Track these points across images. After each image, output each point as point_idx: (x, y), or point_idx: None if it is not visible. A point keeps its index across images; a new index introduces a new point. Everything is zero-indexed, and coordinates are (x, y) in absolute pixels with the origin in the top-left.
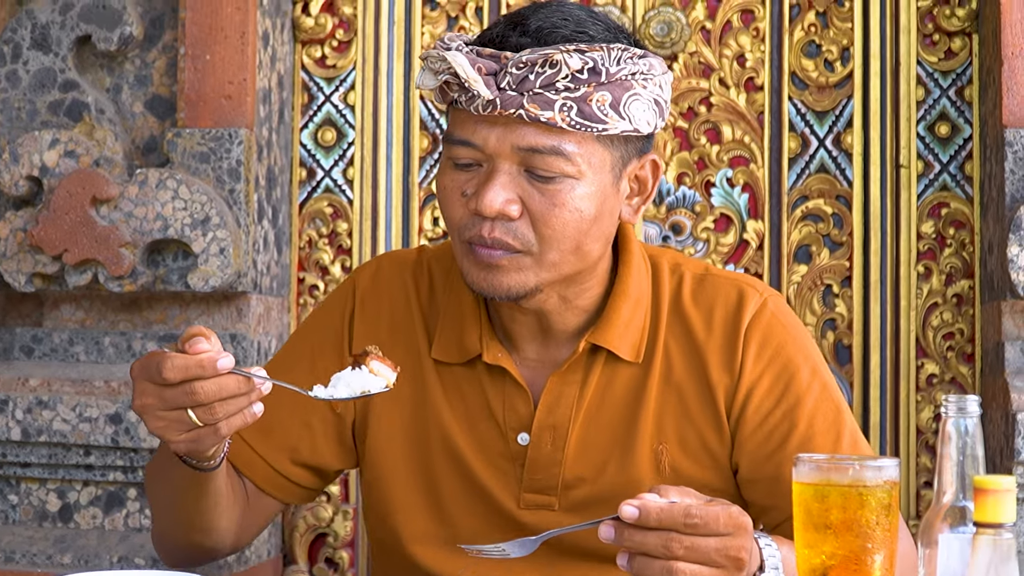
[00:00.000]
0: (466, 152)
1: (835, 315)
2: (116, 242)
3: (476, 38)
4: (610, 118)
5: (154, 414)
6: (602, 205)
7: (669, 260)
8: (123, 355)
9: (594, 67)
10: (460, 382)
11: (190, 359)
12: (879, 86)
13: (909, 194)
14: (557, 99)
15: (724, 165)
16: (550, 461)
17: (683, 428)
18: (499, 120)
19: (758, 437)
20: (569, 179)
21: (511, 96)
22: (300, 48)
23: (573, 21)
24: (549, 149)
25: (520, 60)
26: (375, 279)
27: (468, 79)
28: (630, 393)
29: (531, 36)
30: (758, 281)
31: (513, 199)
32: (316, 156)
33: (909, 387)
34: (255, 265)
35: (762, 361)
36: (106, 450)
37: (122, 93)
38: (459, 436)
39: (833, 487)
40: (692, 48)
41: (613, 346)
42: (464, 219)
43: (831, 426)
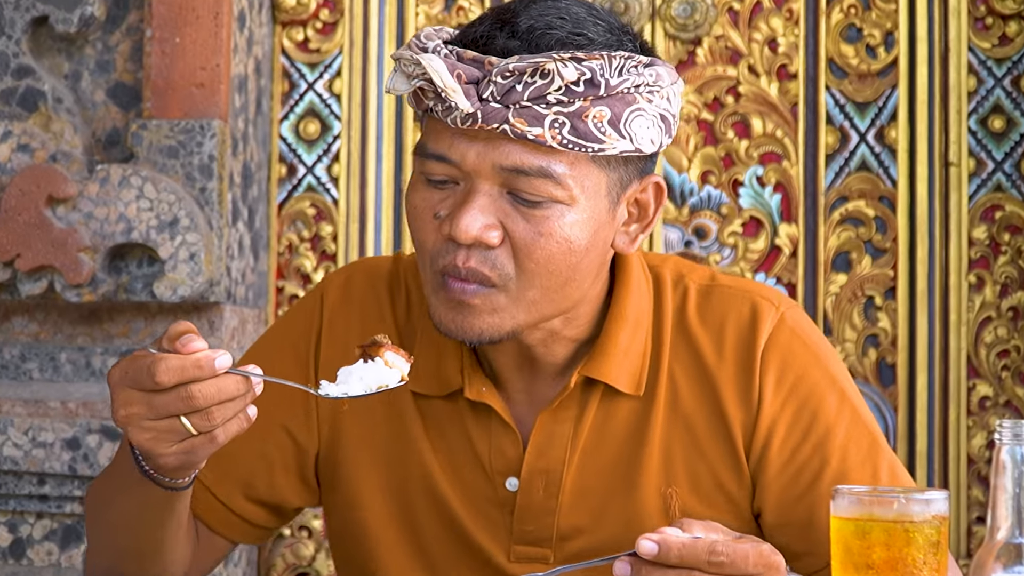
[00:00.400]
0: (441, 168)
1: (877, 330)
2: (74, 246)
3: (458, 35)
4: (608, 137)
5: (141, 425)
6: (595, 235)
7: (672, 271)
8: (81, 373)
9: (592, 78)
10: (441, 418)
11: (185, 359)
12: (926, 75)
13: (959, 195)
14: (548, 114)
15: (754, 162)
16: (542, 510)
17: (695, 467)
18: (480, 135)
19: (785, 478)
20: (558, 204)
21: (495, 109)
22: (280, 30)
23: (571, 21)
24: (536, 170)
25: (507, 68)
26: (345, 293)
27: (445, 88)
28: (631, 430)
29: (521, 39)
30: (772, 290)
31: (493, 224)
32: (297, 151)
33: (959, 411)
34: (229, 272)
35: (783, 389)
36: (62, 479)
37: (82, 80)
38: (442, 478)
39: (876, 522)
40: (718, 31)
41: (610, 378)
42: (436, 245)
43: (866, 458)
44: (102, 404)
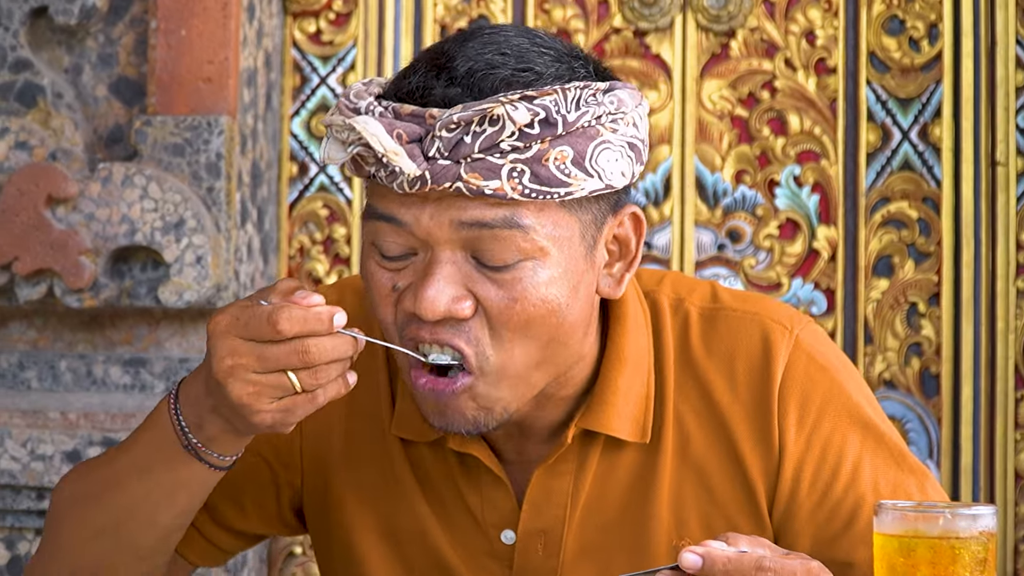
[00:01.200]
0: (393, 235)
1: (921, 339)
2: (75, 249)
3: (390, 87)
4: (574, 178)
5: (246, 378)
6: (575, 288)
7: (669, 294)
8: (81, 382)
9: (547, 117)
10: (429, 465)
11: (308, 311)
12: (972, 69)
13: (1007, 196)
14: (503, 163)
15: (790, 161)
16: (543, 569)
17: (709, 516)
18: (431, 195)
19: (819, 520)
20: (528, 261)
21: (444, 167)
22: (291, 22)
23: (513, 55)
24: (500, 221)
25: (451, 120)
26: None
27: (386, 152)
28: (636, 480)
29: (461, 84)
30: (782, 309)
31: (462, 295)
32: (309, 148)
33: (1007, 423)
34: (237, 276)
35: (806, 428)
36: None
37: (83, 74)
38: (436, 528)
39: (921, 539)
40: (753, 23)
41: (612, 429)
42: (398, 320)
43: (897, 487)
44: (104, 415)
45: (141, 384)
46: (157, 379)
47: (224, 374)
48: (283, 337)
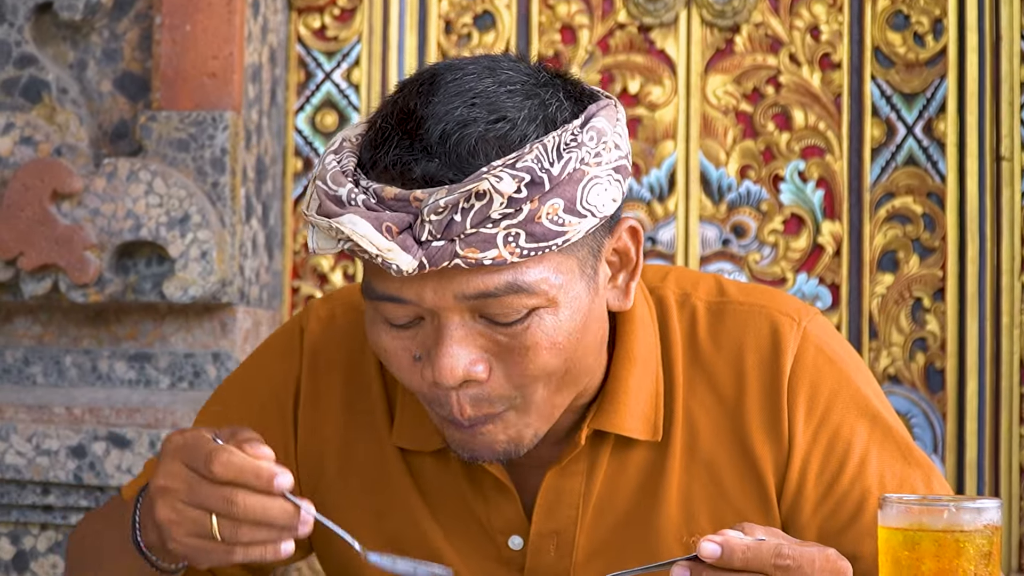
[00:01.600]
0: (399, 310)
1: (926, 333)
2: (80, 244)
3: (365, 155)
4: (568, 224)
5: (172, 503)
6: (586, 319)
7: (675, 289)
8: (87, 376)
9: (532, 179)
10: (432, 474)
11: (247, 461)
12: (977, 64)
13: (1012, 191)
14: (497, 232)
15: (795, 156)
16: (556, 570)
17: (719, 512)
18: (431, 273)
19: (824, 512)
20: (537, 311)
21: (439, 248)
22: (296, 17)
23: (482, 104)
24: (504, 288)
25: (437, 205)
26: (328, 330)
27: (379, 252)
28: (646, 477)
29: (439, 156)
30: (789, 301)
31: (477, 358)
32: (314, 144)
33: (1012, 418)
34: (242, 272)
35: (814, 419)
36: (67, 488)
37: (88, 70)
38: (440, 538)
39: (926, 533)
40: (757, 18)
41: (624, 429)
42: (425, 391)
43: (903, 481)
44: (109, 410)
45: (146, 379)
46: (162, 374)
47: (156, 492)
48: (215, 479)
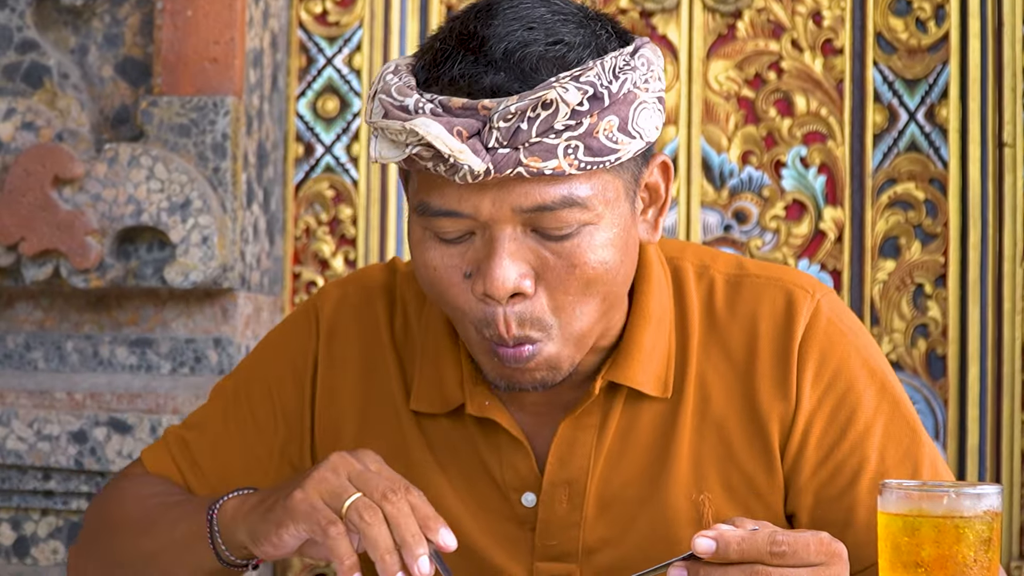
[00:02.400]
0: (453, 224)
1: (927, 320)
2: (81, 229)
3: (424, 74)
4: (621, 143)
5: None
6: (625, 243)
7: (693, 261)
8: (88, 362)
9: (594, 93)
10: (448, 436)
11: (431, 509)
12: (979, 50)
13: (1015, 178)
14: (559, 142)
15: (797, 142)
16: (567, 523)
17: (727, 471)
18: (491, 182)
19: (822, 476)
20: (586, 227)
21: (505, 155)
22: (297, 2)
23: (540, 27)
24: (560, 202)
25: (508, 111)
26: (341, 309)
27: (451, 152)
28: (658, 434)
29: (505, 69)
30: (805, 276)
31: (526, 272)
32: (315, 129)
33: (1014, 405)
34: (243, 257)
35: (822, 383)
36: (68, 474)
37: (89, 55)
38: (454, 501)
39: (925, 518)
40: (760, 4)
41: (636, 382)
42: (473, 309)
43: (906, 456)
44: (110, 395)
45: (147, 365)
46: (163, 359)
47: (308, 480)
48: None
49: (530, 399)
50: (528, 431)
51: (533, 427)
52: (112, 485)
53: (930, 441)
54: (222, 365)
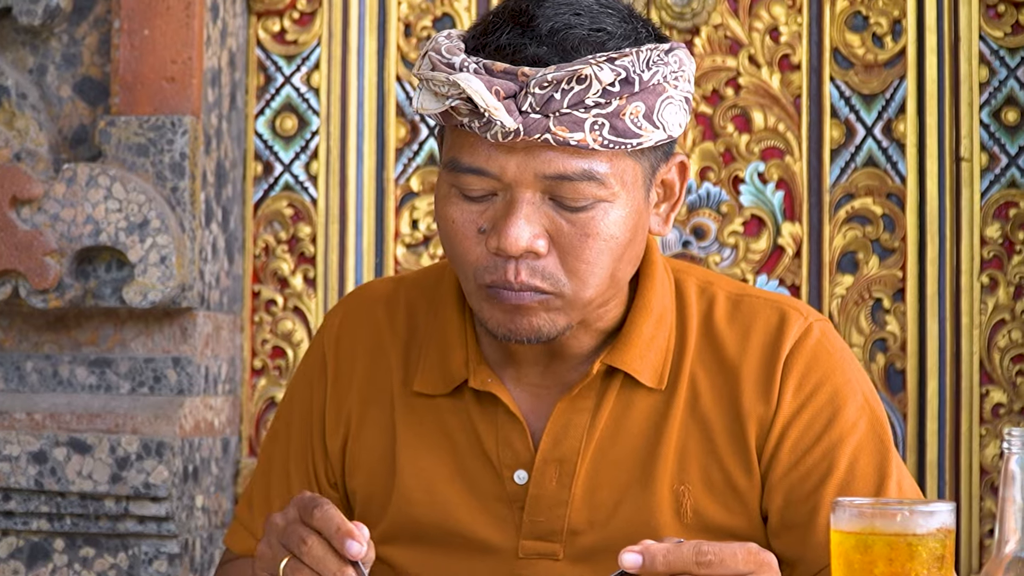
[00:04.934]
0: (479, 182)
1: (886, 334)
2: (40, 250)
3: (472, 42)
4: (644, 130)
5: (270, 539)
6: (636, 225)
7: (697, 279)
8: (48, 382)
9: (626, 77)
10: (445, 416)
11: (336, 517)
12: (936, 65)
13: (971, 192)
14: (587, 117)
15: (755, 158)
16: (555, 501)
17: (708, 466)
18: (518, 145)
19: (792, 479)
20: (602, 203)
21: (535, 120)
22: (255, 21)
23: (586, 15)
24: (579, 174)
25: (544, 78)
26: (344, 322)
27: (487, 107)
28: (649, 424)
29: (548, 44)
30: (804, 304)
31: (540, 233)
32: (274, 148)
33: (972, 418)
34: (202, 276)
35: (803, 393)
36: (28, 494)
37: (47, 75)
38: (445, 482)
39: (878, 536)
40: (717, 20)
41: (632, 369)
42: (482, 260)
43: (876, 470)
44: (70, 415)
45: (107, 384)
46: (122, 379)
47: (267, 528)
48: (308, 522)
49: (529, 379)
50: (525, 410)
51: (531, 406)
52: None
53: (901, 463)
54: (181, 384)
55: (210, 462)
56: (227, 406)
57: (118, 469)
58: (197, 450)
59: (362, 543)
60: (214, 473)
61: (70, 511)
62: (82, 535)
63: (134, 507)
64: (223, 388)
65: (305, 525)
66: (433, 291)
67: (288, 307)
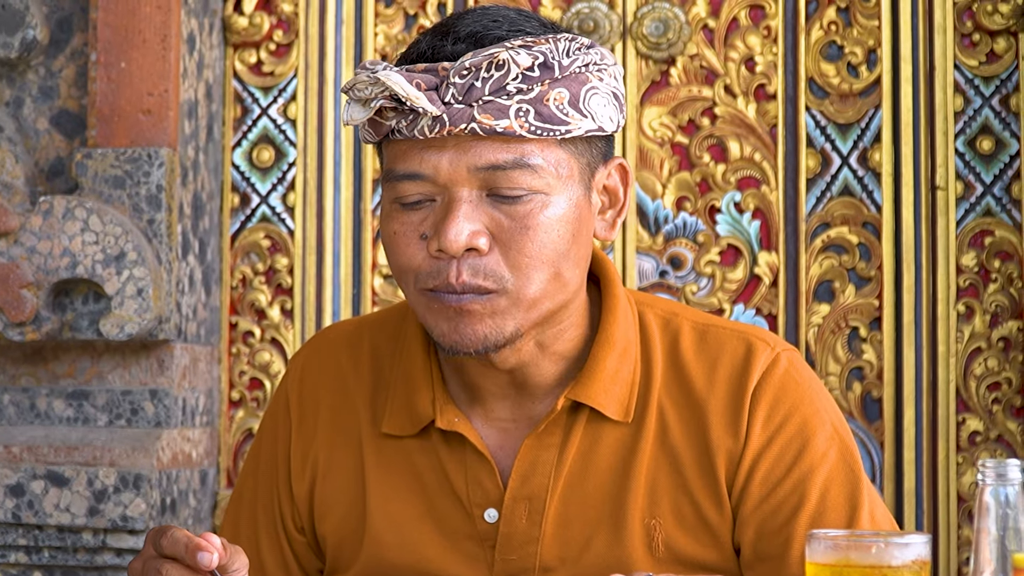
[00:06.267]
0: (414, 187)
1: (862, 363)
2: (16, 282)
3: (400, 58)
4: (572, 117)
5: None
6: (578, 222)
7: (661, 311)
8: (25, 415)
9: (545, 62)
10: (414, 457)
11: (183, 538)
12: (911, 94)
13: (947, 221)
14: (511, 104)
15: (731, 187)
16: (526, 538)
17: (678, 500)
18: (448, 142)
19: (763, 512)
20: (539, 195)
21: (459, 109)
22: (232, 52)
23: (505, 21)
24: (512, 162)
25: (463, 66)
26: (306, 367)
27: (408, 97)
28: (618, 459)
29: (466, 41)
30: (771, 334)
31: (480, 230)
32: (251, 179)
33: (949, 447)
34: (179, 308)
35: (772, 425)
36: (6, 527)
37: (24, 107)
38: (414, 522)
39: (853, 568)
40: (692, 50)
41: (598, 403)
42: (424, 266)
43: (847, 500)
44: (47, 448)
45: (84, 417)
46: (100, 412)
47: (129, 572)
48: (160, 552)
49: (496, 414)
50: (493, 447)
51: (499, 443)
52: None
53: (873, 490)
54: (159, 417)
55: (188, 494)
56: (205, 438)
57: (95, 502)
58: (175, 482)
59: (211, 551)
60: (192, 505)
61: (48, 544)
62: (60, 567)
63: (111, 540)
64: (201, 420)
65: (158, 557)
66: (397, 331)
67: (266, 338)
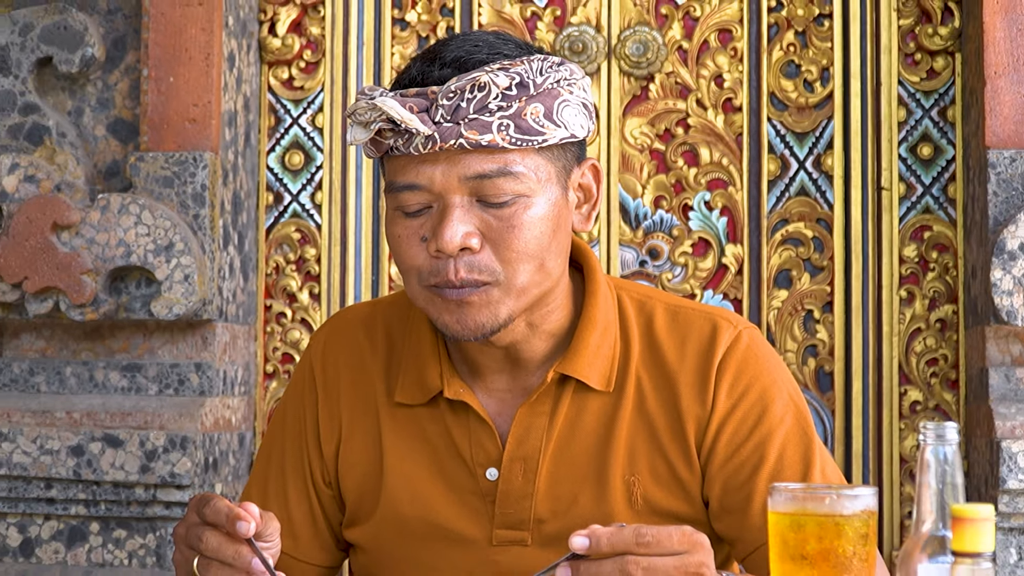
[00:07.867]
0: (413, 197)
1: (816, 341)
2: (77, 269)
3: (394, 83)
4: (547, 128)
5: (180, 547)
6: (557, 218)
7: (636, 294)
8: (84, 385)
9: (521, 81)
10: (424, 424)
11: (224, 507)
12: (860, 107)
13: (891, 217)
14: (493, 120)
15: (702, 188)
16: (521, 494)
17: (654, 459)
18: (440, 156)
19: (728, 470)
20: (522, 198)
21: (448, 128)
22: (267, 69)
23: (485, 45)
24: (496, 172)
25: (449, 90)
26: (327, 345)
27: (403, 119)
28: (601, 424)
29: (451, 67)
30: (733, 314)
31: (472, 232)
32: (283, 180)
33: (892, 415)
34: (220, 292)
35: (735, 394)
36: (68, 483)
37: (84, 116)
38: (426, 481)
39: (809, 517)
40: (669, 68)
41: (583, 375)
42: (426, 265)
43: (802, 458)
44: (104, 413)
45: (137, 387)
46: (151, 382)
47: (174, 538)
48: (202, 519)
49: (495, 386)
50: (493, 414)
51: (498, 411)
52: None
53: (825, 450)
54: (203, 386)
55: (228, 454)
56: (243, 405)
57: (147, 461)
58: (217, 444)
59: (249, 521)
60: (231, 464)
61: (104, 498)
62: (115, 519)
63: (161, 494)
64: (239, 390)
65: (201, 524)
66: (407, 312)
67: (296, 319)
